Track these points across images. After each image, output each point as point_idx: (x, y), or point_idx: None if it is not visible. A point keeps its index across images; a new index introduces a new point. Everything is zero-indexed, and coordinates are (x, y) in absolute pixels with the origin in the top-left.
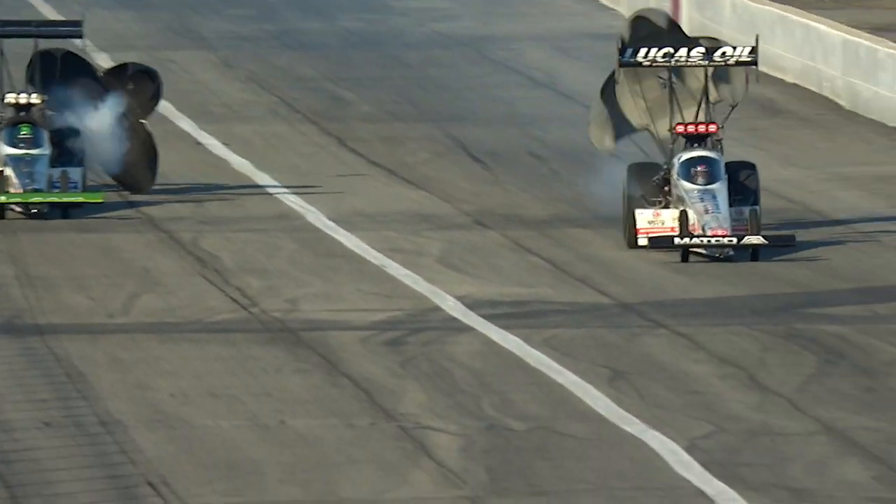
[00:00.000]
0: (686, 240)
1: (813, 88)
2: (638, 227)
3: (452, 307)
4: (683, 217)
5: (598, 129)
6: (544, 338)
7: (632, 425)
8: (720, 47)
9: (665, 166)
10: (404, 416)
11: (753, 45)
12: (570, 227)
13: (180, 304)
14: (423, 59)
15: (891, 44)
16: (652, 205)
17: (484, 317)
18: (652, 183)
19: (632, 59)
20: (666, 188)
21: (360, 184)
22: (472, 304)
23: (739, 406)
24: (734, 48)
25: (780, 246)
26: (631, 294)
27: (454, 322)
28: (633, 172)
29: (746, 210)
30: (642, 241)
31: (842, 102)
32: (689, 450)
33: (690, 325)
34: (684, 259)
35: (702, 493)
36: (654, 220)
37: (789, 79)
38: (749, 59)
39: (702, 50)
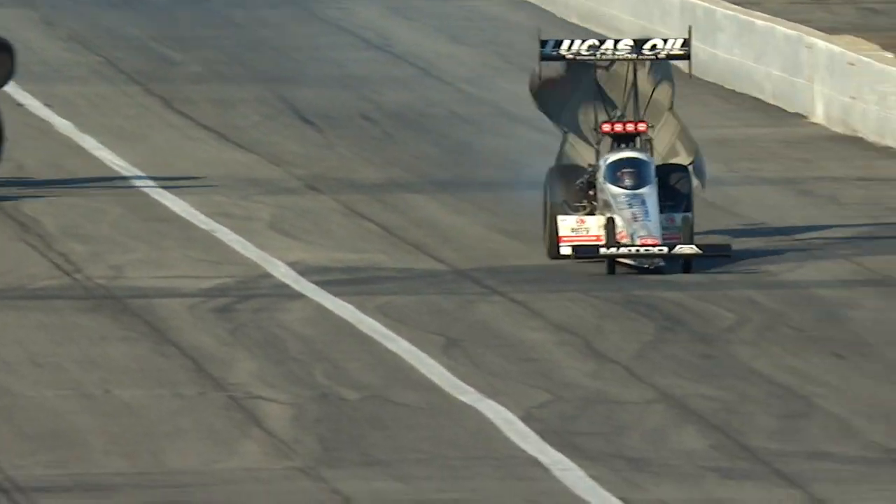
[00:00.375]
0: (613, 249)
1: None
2: (560, 234)
3: (284, 274)
4: (610, 225)
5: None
6: (377, 305)
7: (466, 394)
8: (649, 39)
9: (590, 169)
10: (234, 385)
11: (686, 37)
12: (403, 192)
13: (1, 271)
14: (252, 18)
15: (728, 5)
16: (575, 210)
17: (316, 283)
18: (575, 187)
19: (553, 53)
20: (591, 192)
21: (189, 147)
22: (304, 271)
23: (576, 374)
24: (665, 41)
25: (715, 256)
26: (465, 260)
27: (285, 289)
28: (555, 175)
29: (678, 217)
30: (565, 250)
31: (680, 64)
32: (525, 419)
33: (526, 291)
34: (611, 271)
35: (537, 463)
36: (577, 228)
37: None
38: (681, 53)
39: (629, 43)
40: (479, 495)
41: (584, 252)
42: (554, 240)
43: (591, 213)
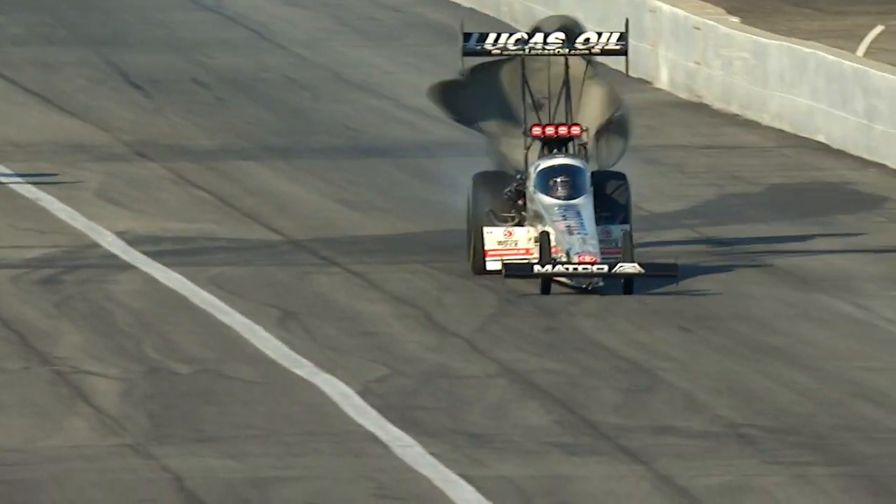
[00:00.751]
0: (548, 267)
1: (490, 13)
2: (487, 248)
3: (112, 243)
4: (544, 240)
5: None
6: (210, 276)
7: (303, 368)
8: (582, 33)
9: (519, 176)
10: (60, 359)
11: (622, 31)
12: (236, 159)
13: None
14: None
15: None
16: (503, 221)
17: (146, 254)
18: (503, 196)
19: (477, 47)
20: (520, 202)
21: (12, 112)
22: (133, 241)
23: (416, 347)
24: (599, 35)
25: (660, 276)
26: (302, 230)
27: (114, 259)
28: (480, 183)
29: (615, 229)
30: (492, 265)
31: (518, 27)
32: (363, 393)
33: (364, 262)
34: (545, 290)
35: (375, 439)
36: (505, 241)
37: (466, 3)
38: (618, 48)
39: (561, 37)
40: (316, 472)
41: (517, 270)
42: (479, 253)
43: (520, 225)
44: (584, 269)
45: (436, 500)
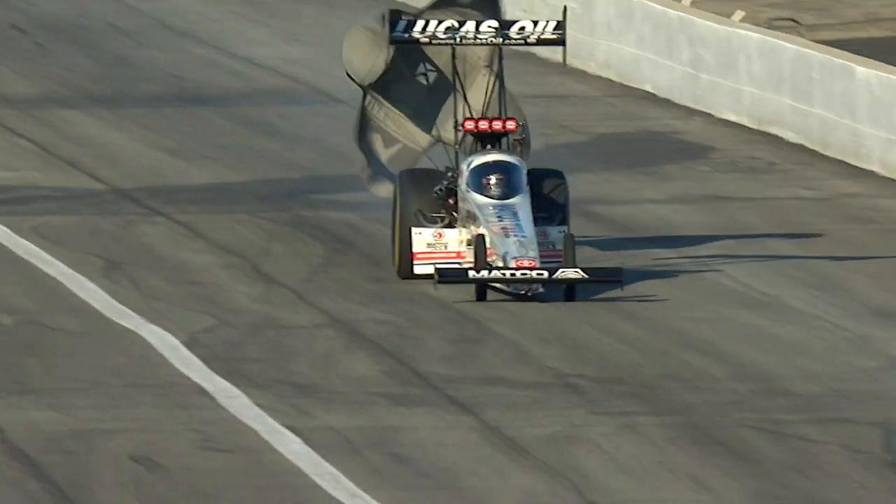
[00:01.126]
0: (484, 273)
1: None
2: (415, 250)
3: None
4: (479, 244)
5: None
6: (33, 226)
7: (128, 319)
8: (517, 22)
9: (450, 174)
10: None
11: (559, 19)
12: (58, 108)
13: None
14: None
15: None
16: (432, 222)
17: None
18: (432, 194)
19: (405, 35)
20: (451, 201)
21: None
22: None
23: (243, 298)
24: (535, 23)
25: (604, 281)
26: (125, 179)
27: None
28: (408, 181)
29: (553, 231)
30: (421, 269)
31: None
32: (189, 344)
33: (189, 212)
34: (481, 297)
35: (202, 391)
36: (435, 243)
37: None
38: (555, 37)
39: (495, 25)
40: (141, 424)
41: (450, 276)
42: (406, 256)
43: (451, 226)
44: (522, 274)
45: (262, 451)
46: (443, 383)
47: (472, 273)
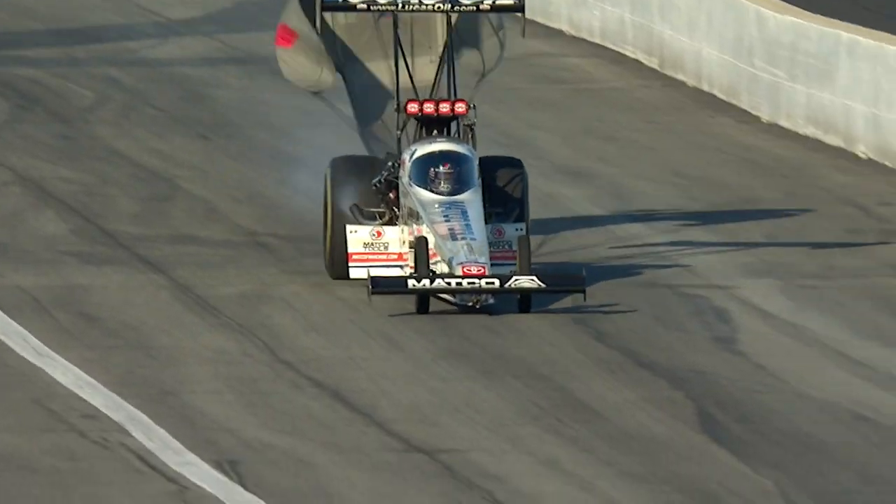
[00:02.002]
0: (425, 282)
1: None
2: (350, 251)
3: None
4: (421, 247)
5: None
6: None
7: None
8: None
9: (390, 164)
10: None
11: None
12: None
13: None
14: None
15: None
16: (370, 219)
17: None
18: (370, 187)
19: (339, 0)
20: (391, 195)
21: None
22: None
23: None
24: None
25: (564, 291)
26: None
27: None
28: (341, 170)
29: (508, 228)
30: (357, 272)
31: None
32: None
33: None
34: (422, 309)
35: None
36: (372, 243)
37: None
38: (512, 3)
39: None
40: None
41: (386, 286)
42: (340, 257)
43: (391, 223)
44: (470, 283)
45: None
46: (132, 242)
47: (411, 282)
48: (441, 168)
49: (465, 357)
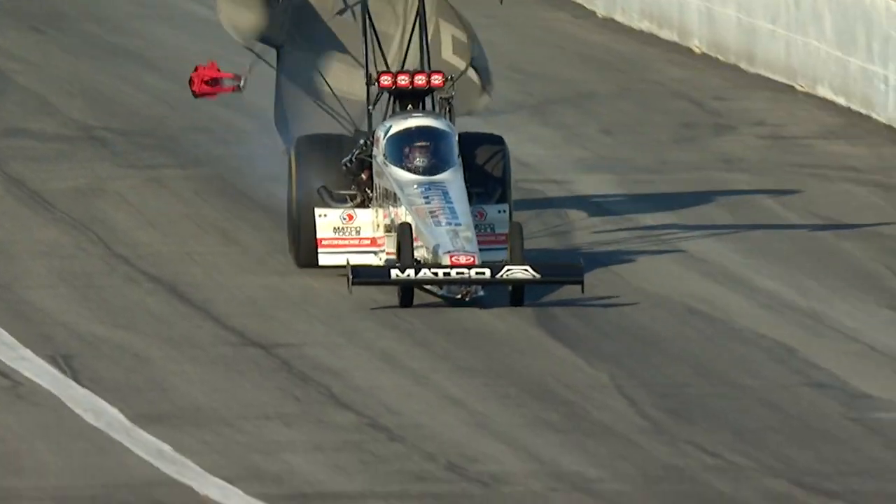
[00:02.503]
0: (410, 272)
1: None
2: (320, 236)
3: None
4: (405, 234)
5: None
6: None
7: None
8: None
9: (362, 141)
10: None
11: None
12: None
13: None
14: None
15: None
16: (341, 201)
17: None
18: (340, 167)
19: None
20: (363, 176)
21: None
22: None
23: None
24: None
25: (560, 282)
26: None
27: None
28: (307, 149)
29: (490, 210)
30: (327, 259)
31: None
32: None
33: None
34: (406, 302)
35: None
36: (344, 227)
37: None
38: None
39: None
40: None
41: (369, 276)
42: (308, 243)
43: (363, 206)
44: (458, 273)
45: None
46: None
47: (395, 272)
48: (418, 144)
49: None
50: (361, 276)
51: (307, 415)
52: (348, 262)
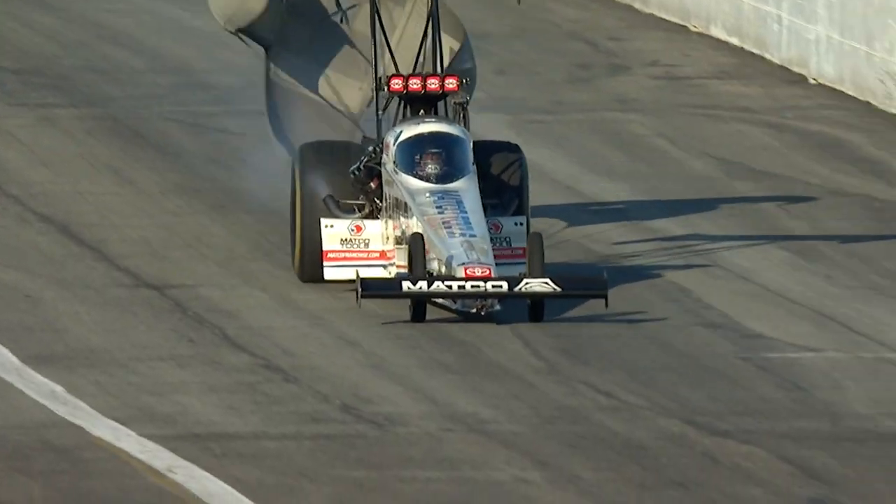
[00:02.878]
0: (422, 285)
1: None
2: (326, 248)
3: None
4: (417, 244)
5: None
6: None
7: None
8: None
9: (370, 148)
10: None
11: None
12: None
13: None
14: None
15: None
16: (348, 211)
17: None
18: (348, 175)
19: None
20: (372, 185)
21: None
22: None
23: None
24: None
25: (582, 296)
26: None
27: None
28: (313, 157)
29: (507, 222)
30: (334, 273)
31: None
32: None
33: None
34: (418, 316)
35: None
36: (351, 239)
37: None
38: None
39: None
40: None
41: (379, 289)
42: (313, 256)
43: (373, 216)
44: (474, 286)
45: None
46: None
47: (407, 285)
48: (431, 152)
49: (196, 192)
50: (371, 288)
51: (201, 356)
52: (357, 275)
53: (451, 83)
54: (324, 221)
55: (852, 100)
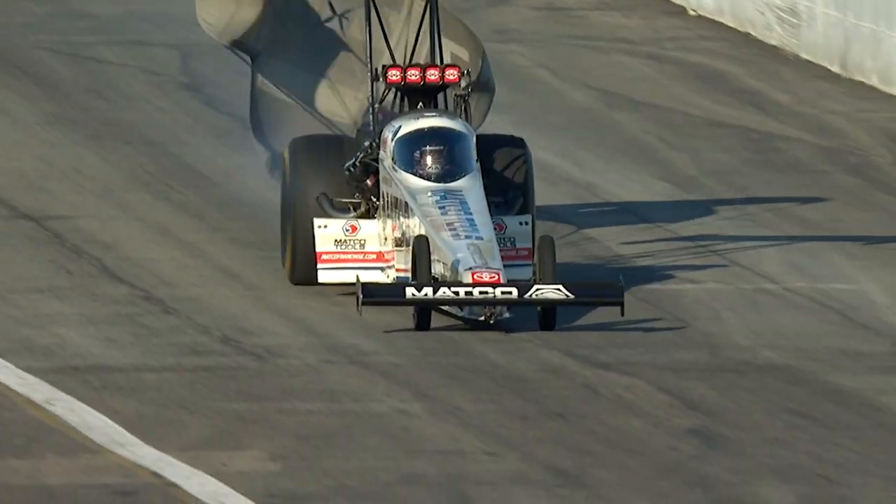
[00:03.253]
0: (428, 291)
1: None
2: (319, 249)
3: None
4: (422, 248)
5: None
6: None
7: None
8: None
9: (367, 144)
10: None
11: None
12: None
13: None
14: None
15: None
16: (342, 211)
17: None
18: (342, 172)
19: None
20: (368, 182)
21: None
22: None
23: None
24: None
25: (598, 303)
26: None
27: None
28: (304, 153)
29: (511, 222)
30: (328, 276)
31: None
32: None
33: None
34: (421, 325)
35: None
36: (347, 240)
37: None
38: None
39: None
40: None
41: (381, 295)
42: (306, 257)
43: (369, 215)
44: (482, 293)
45: None
46: None
47: (411, 291)
48: (431, 147)
49: (72, 123)
50: (373, 294)
51: (80, 288)
52: (358, 279)
53: (452, 74)
54: (317, 221)
55: (732, 31)
